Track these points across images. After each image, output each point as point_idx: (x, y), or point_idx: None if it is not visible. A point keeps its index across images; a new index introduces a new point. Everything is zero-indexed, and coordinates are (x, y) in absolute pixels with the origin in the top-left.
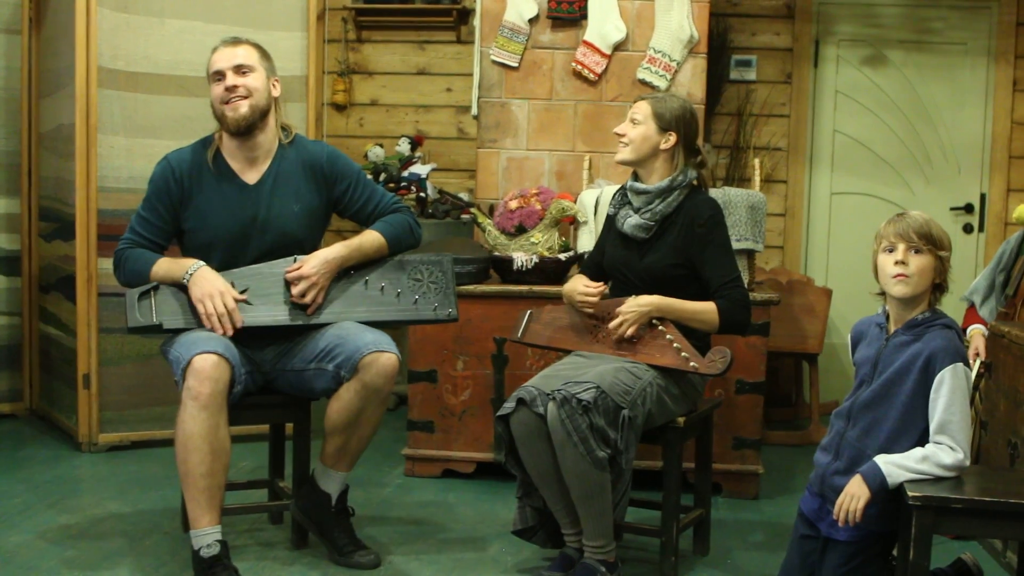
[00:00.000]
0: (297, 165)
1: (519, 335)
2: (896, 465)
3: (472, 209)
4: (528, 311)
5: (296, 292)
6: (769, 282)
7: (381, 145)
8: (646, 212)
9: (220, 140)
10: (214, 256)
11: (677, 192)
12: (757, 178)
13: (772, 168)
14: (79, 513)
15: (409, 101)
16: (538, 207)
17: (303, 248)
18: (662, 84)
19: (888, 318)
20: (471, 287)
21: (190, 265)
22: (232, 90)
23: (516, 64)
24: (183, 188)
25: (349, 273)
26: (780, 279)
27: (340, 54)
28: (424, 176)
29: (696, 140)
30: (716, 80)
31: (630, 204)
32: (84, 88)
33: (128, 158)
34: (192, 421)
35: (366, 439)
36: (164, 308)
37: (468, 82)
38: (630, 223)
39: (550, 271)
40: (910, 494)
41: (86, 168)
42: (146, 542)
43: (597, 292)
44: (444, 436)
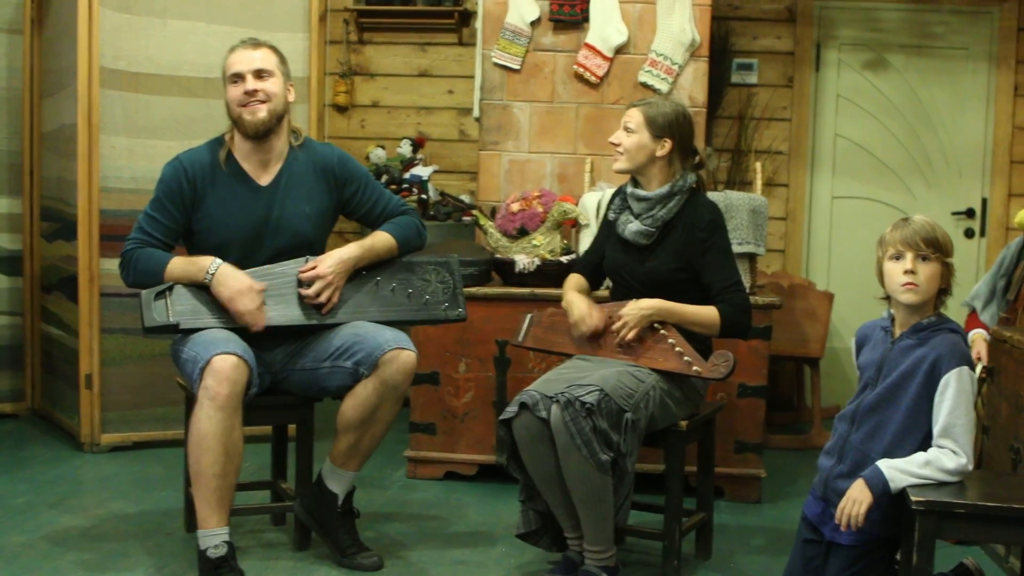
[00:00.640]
0: (308, 167)
1: (520, 339)
2: (899, 470)
3: (474, 211)
4: (529, 314)
5: (312, 292)
6: (770, 286)
7: (383, 147)
8: (647, 218)
9: (232, 142)
10: (227, 257)
11: (678, 197)
12: (758, 182)
13: (773, 172)
14: (81, 513)
15: (411, 103)
16: (540, 210)
17: (313, 249)
18: (663, 87)
19: (893, 322)
20: (473, 289)
21: (209, 264)
22: (252, 94)
23: (518, 66)
24: (195, 189)
25: (360, 274)
26: (781, 283)
27: (342, 55)
28: (425, 178)
29: (692, 142)
30: (717, 83)
31: (630, 209)
32: (86, 88)
33: (130, 158)
34: (208, 421)
35: (378, 438)
36: (180, 308)
37: (470, 84)
38: (631, 229)
39: (552, 274)
40: (913, 499)
41: (88, 168)
42: (150, 542)
43: (595, 325)
44: (446, 438)
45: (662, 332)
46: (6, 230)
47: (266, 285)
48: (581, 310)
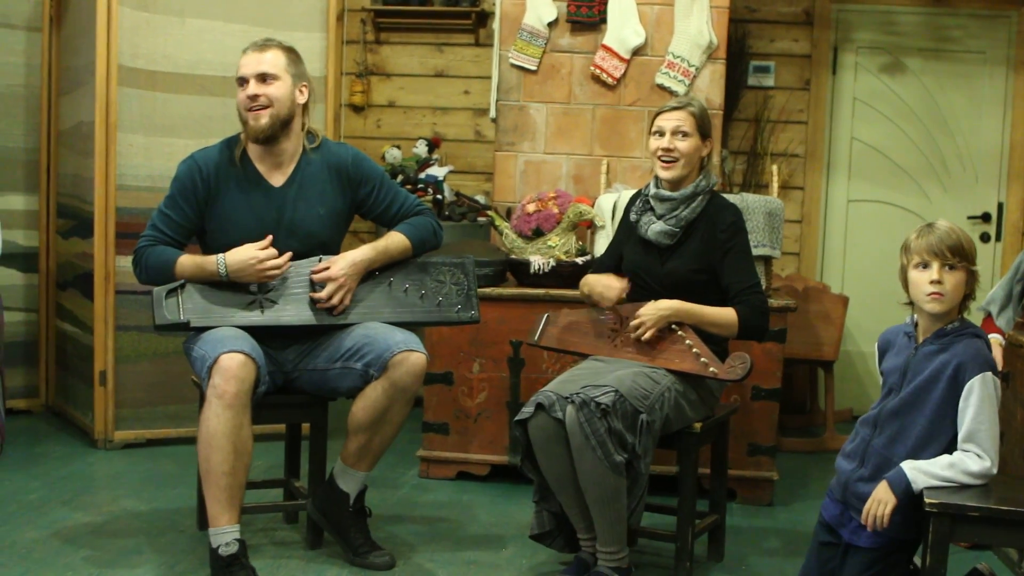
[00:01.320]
0: (322, 168)
1: (536, 338)
2: (922, 471)
3: (489, 212)
4: (545, 314)
5: (324, 294)
6: (785, 289)
7: (398, 147)
8: (671, 219)
9: (246, 141)
10: None
11: (701, 197)
12: (774, 185)
13: (789, 175)
14: (94, 510)
15: (427, 103)
16: (555, 211)
17: (327, 250)
18: (680, 89)
19: (916, 327)
20: (488, 290)
21: (217, 258)
22: (253, 99)
23: (535, 67)
24: (209, 188)
25: (374, 274)
26: (796, 286)
27: (358, 55)
28: (441, 178)
29: None
30: (734, 86)
31: (652, 210)
32: (104, 86)
33: (147, 157)
34: (216, 419)
35: (389, 439)
36: (191, 306)
37: (486, 85)
38: (654, 229)
39: (567, 275)
40: (928, 501)
41: (105, 166)
42: (162, 539)
43: (621, 288)
44: (459, 438)
45: (679, 333)
46: (22, 227)
47: (270, 239)
48: (602, 281)
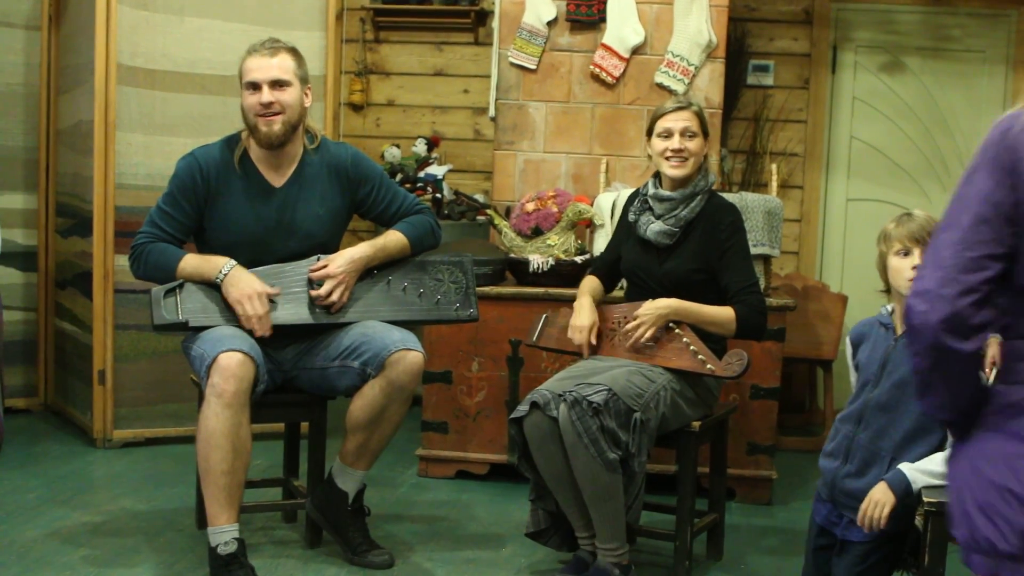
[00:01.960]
0: (322, 168)
1: (534, 339)
2: (921, 471)
3: (488, 211)
4: (544, 315)
5: (323, 291)
6: (784, 288)
7: (398, 145)
8: (670, 218)
9: (247, 141)
10: (237, 257)
11: (700, 197)
12: (774, 183)
13: (788, 174)
14: (93, 509)
15: (426, 102)
16: (555, 209)
17: (326, 250)
18: (680, 88)
19: (893, 315)
20: (487, 289)
21: (223, 264)
22: (268, 106)
23: (534, 66)
24: (209, 186)
25: (372, 273)
26: (795, 285)
27: (358, 54)
28: (440, 177)
29: None
30: (733, 85)
31: (651, 210)
32: (103, 85)
33: (146, 155)
34: (215, 418)
35: (387, 438)
36: (189, 306)
37: (485, 83)
38: (653, 229)
39: (566, 274)
40: (925, 500)
41: (104, 165)
42: (161, 539)
43: (589, 327)
44: (458, 437)
45: (677, 331)
46: (21, 226)
47: (279, 291)
48: (581, 321)
